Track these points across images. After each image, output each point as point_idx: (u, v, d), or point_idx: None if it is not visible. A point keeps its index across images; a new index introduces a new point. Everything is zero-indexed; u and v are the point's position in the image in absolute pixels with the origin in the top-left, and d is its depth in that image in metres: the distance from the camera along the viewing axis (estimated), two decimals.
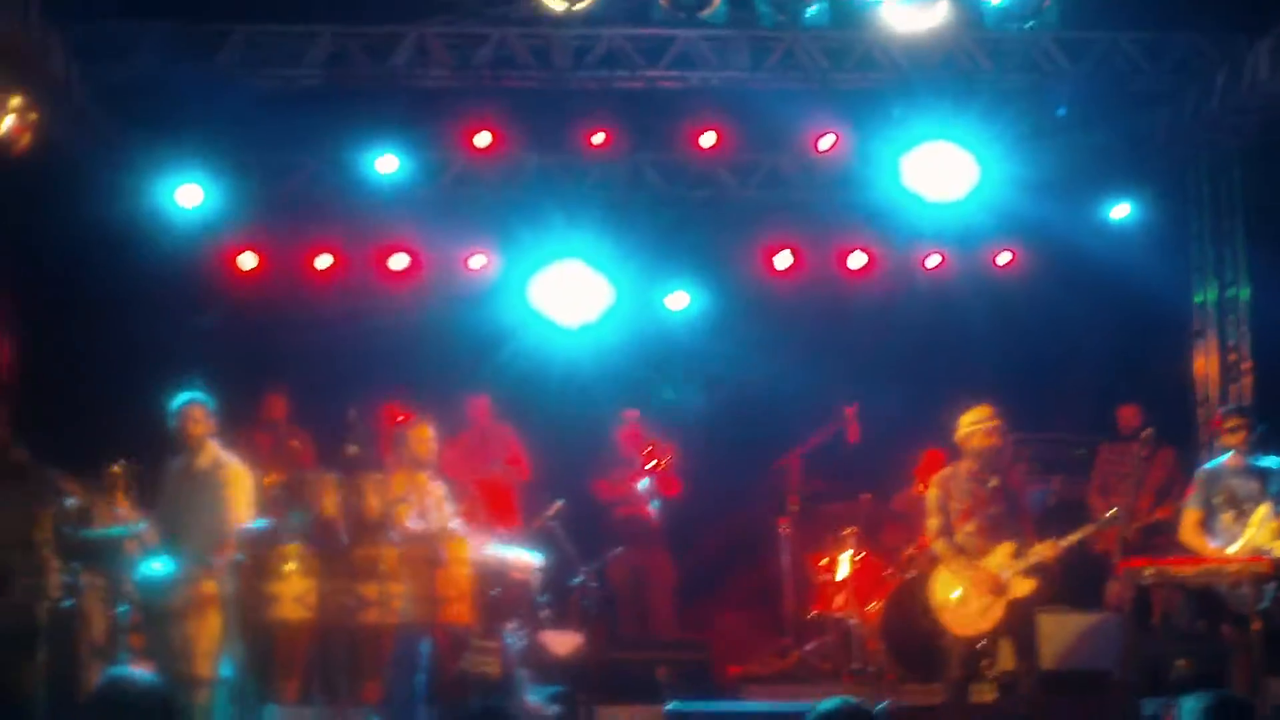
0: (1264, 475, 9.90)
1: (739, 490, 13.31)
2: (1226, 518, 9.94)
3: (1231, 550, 9.74)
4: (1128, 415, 12.50)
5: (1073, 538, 9.94)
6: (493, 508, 12.07)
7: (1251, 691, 9.30)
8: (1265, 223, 13.00)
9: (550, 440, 13.21)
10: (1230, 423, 10.22)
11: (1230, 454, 10.11)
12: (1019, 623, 9.88)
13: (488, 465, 12.84)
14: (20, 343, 12.28)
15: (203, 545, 9.27)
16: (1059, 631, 11.38)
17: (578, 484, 12.65)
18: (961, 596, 9.82)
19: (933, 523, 10.05)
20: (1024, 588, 9.79)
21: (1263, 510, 9.78)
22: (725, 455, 13.31)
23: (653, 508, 13.05)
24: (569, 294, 13.63)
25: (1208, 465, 10.39)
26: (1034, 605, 10.02)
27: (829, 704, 5.13)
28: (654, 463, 12.99)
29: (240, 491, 9.53)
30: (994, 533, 9.92)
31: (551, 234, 13.66)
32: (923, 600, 10.25)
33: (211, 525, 9.34)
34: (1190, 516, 10.14)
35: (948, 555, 9.92)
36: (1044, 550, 9.80)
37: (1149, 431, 11.30)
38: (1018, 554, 9.80)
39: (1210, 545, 9.93)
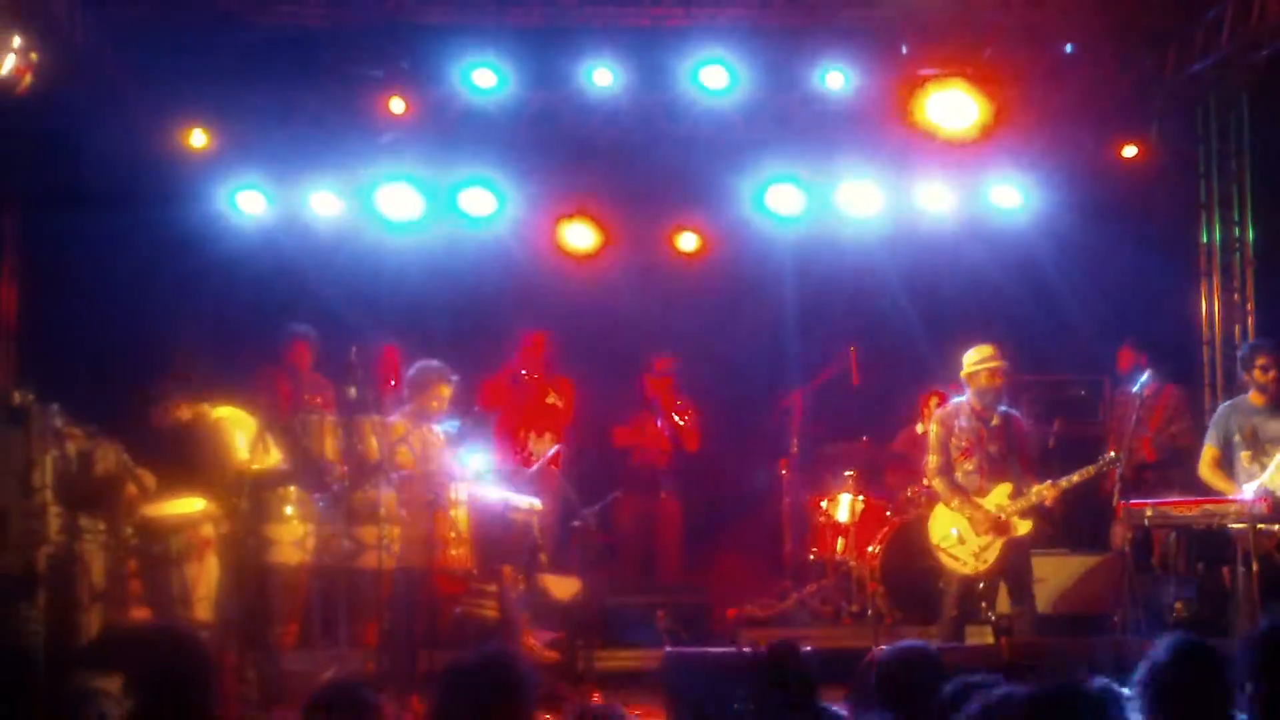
0: None
1: (740, 432, 13.25)
2: (1244, 457, 9.84)
3: (1247, 491, 9.58)
4: (1122, 355, 12.47)
5: (1072, 479, 9.93)
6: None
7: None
8: (1272, 161, 12.91)
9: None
10: (1261, 359, 9.89)
11: (1254, 391, 9.92)
12: (1015, 564, 9.91)
13: (532, 400, 12.58)
14: (24, 287, 12.31)
15: (201, 490, 9.29)
16: (1058, 574, 11.38)
17: (584, 427, 12.62)
18: (959, 535, 9.83)
19: (933, 460, 10.04)
20: (1021, 528, 9.81)
21: None
22: (726, 397, 13.24)
23: (666, 455, 12.91)
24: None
25: (1230, 401, 10.24)
26: (1030, 546, 10.04)
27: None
28: (680, 415, 12.82)
29: (234, 434, 9.51)
30: (993, 472, 9.94)
31: (556, 174, 13.59)
32: (921, 541, 10.26)
33: (209, 470, 9.35)
34: (1208, 453, 10.01)
35: (947, 493, 9.93)
36: (1043, 491, 9.81)
37: (1150, 372, 11.23)
38: (1016, 494, 9.81)
39: (1227, 483, 9.80)
